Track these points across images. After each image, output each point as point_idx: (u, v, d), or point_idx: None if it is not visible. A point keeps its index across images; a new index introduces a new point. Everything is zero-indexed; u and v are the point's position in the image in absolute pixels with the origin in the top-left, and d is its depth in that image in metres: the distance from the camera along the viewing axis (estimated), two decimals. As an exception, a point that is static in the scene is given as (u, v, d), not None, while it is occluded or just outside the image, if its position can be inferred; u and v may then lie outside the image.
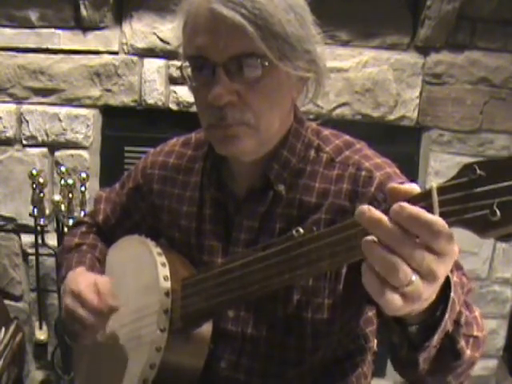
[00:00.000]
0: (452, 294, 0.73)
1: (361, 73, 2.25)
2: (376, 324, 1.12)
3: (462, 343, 0.83)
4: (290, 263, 0.82)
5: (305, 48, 0.93)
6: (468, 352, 0.85)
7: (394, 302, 0.59)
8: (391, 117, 2.28)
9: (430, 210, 0.60)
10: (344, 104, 2.27)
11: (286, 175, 1.02)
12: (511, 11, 2.18)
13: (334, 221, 0.97)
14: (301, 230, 0.82)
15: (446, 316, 0.74)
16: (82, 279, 1.07)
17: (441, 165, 2.31)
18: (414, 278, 0.59)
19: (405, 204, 0.59)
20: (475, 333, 0.87)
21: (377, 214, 0.60)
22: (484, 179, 0.57)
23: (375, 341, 1.14)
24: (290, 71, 0.92)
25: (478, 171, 0.58)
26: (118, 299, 1.02)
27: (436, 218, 0.58)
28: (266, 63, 0.89)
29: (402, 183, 0.95)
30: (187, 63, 0.95)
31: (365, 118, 2.28)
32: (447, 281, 0.71)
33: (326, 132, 1.07)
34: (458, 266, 0.95)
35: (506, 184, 0.56)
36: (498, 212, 0.56)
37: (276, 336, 1.02)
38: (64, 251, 1.25)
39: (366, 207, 0.60)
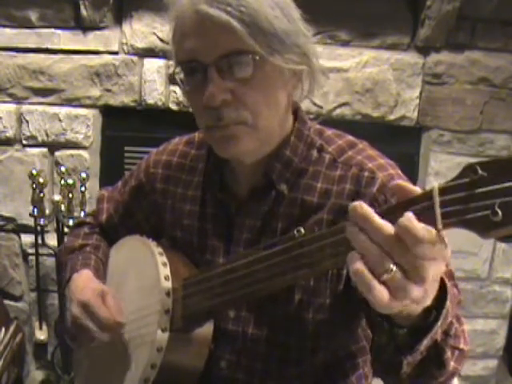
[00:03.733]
0: (448, 303, 0.74)
1: (361, 73, 2.25)
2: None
3: (448, 354, 0.84)
4: (291, 263, 0.82)
5: (294, 42, 0.93)
6: (452, 363, 0.86)
7: (380, 293, 0.61)
8: (391, 117, 2.28)
9: (431, 210, 0.61)
10: (344, 104, 2.27)
11: (289, 175, 1.02)
12: (511, 11, 2.18)
13: (335, 221, 0.97)
14: (302, 230, 0.82)
15: (439, 323, 0.74)
16: (89, 288, 1.07)
17: (441, 165, 2.31)
18: (394, 268, 0.61)
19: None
20: (461, 346, 0.87)
21: (368, 210, 0.62)
22: (486, 180, 0.57)
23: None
24: (281, 65, 0.92)
25: (480, 172, 0.58)
26: (123, 313, 1.04)
27: (414, 226, 0.59)
28: (257, 58, 0.90)
29: None
30: (179, 69, 0.95)
31: (365, 117, 2.28)
32: (443, 290, 0.72)
33: (329, 132, 1.07)
34: (449, 276, 0.94)
35: (507, 184, 0.56)
36: (500, 212, 0.56)
37: (277, 336, 1.02)
38: (67, 251, 1.25)
39: (358, 203, 0.63)
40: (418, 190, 0.65)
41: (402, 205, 0.64)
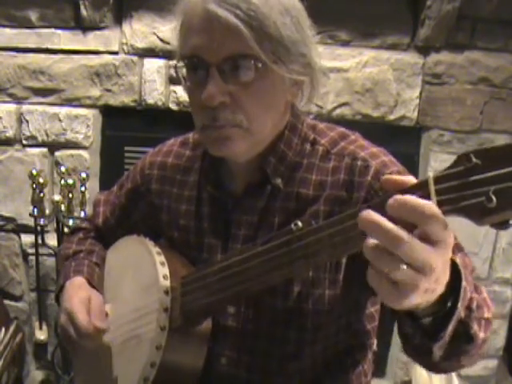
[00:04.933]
0: (463, 283, 0.74)
1: (361, 73, 2.25)
2: (377, 321, 1.12)
3: (475, 327, 0.84)
4: (289, 257, 0.82)
5: (300, 51, 0.93)
6: (481, 335, 0.85)
7: (386, 287, 0.62)
8: (391, 117, 2.28)
9: (427, 199, 0.61)
10: (344, 104, 2.27)
11: (283, 169, 1.02)
12: (511, 11, 2.18)
13: (332, 212, 0.98)
14: (299, 224, 0.82)
15: (459, 305, 0.74)
16: (75, 296, 1.08)
17: (441, 165, 2.31)
18: (404, 265, 0.60)
19: (397, 196, 0.60)
20: (486, 314, 0.87)
21: (375, 217, 0.61)
22: (480, 167, 0.58)
23: (375, 340, 1.14)
24: (284, 74, 0.92)
25: (474, 160, 0.59)
26: (105, 320, 1.05)
27: (427, 203, 0.59)
28: (260, 65, 0.89)
29: (398, 172, 0.96)
30: (181, 63, 0.95)
31: (365, 117, 2.28)
32: (455, 271, 0.72)
33: (321, 125, 1.07)
34: (459, 248, 0.95)
35: (501, 171, 0.57)
36: (494, 199, 0.56)
37: (276, 330, 1.03)
38: (61, 259, 1.25)
39: (366, 213, 0.62)
40: (409, 180, 0.65)
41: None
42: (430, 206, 0.59)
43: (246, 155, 1.00)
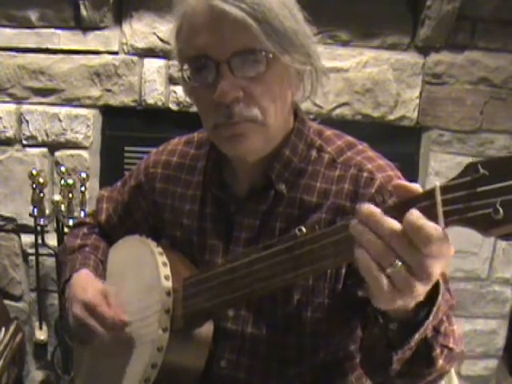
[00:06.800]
0: (439, 299, 0.74)
1: (361, 73, 2.25)
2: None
3: (438, 351, 0.84)
4: (292, 262, 0.82)
5: (301, 42, 0.94)
6: (441, 361, 0.85)
7: (381, 281, 0.63)
8: (391, 117, 2.28)
9: (433, 208, 0.61)
10: (344, 104, 2.27)
11: (288, 175, 1.02)
12: (511, 11, 2.18)
13: (334, 221, 0.97)
14: (303, 229, 0.82)
15: (431, 318, 0.75)
16: (90, 287, 1.08)
17: (441, 165, 2.31)
18: (398, 262, 0.62)
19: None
20: (451, 345, 0.87)
21: (373, 207, 0.64)
22: (487, 178, 0.58)
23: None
24: (288, 64, 0.93)
25: (481, 170, 0.58)
26: (125, 312, 1.04)
27: (424, 224, 0.60)
28: (270, 56, 0.90)
29: None
30: (186, 66, 0.95)
31: (365, 118, 2.28)
32: (434, 286, 0.72)
33: (328, 132, 1.07)
34: (444, 280, 0.95)
35: (509, 183, 0.56)
36: (501, 211, 0.56)
37: (276, 335, 1.03)
38: (66, 252, 1.25)
39: (364, 205, 0.64)
40: (418, 188, 0.65)
41: (403, 203, 0.64)
42: (426, 227, 0.60)
43: (259, 152, 0.99)
